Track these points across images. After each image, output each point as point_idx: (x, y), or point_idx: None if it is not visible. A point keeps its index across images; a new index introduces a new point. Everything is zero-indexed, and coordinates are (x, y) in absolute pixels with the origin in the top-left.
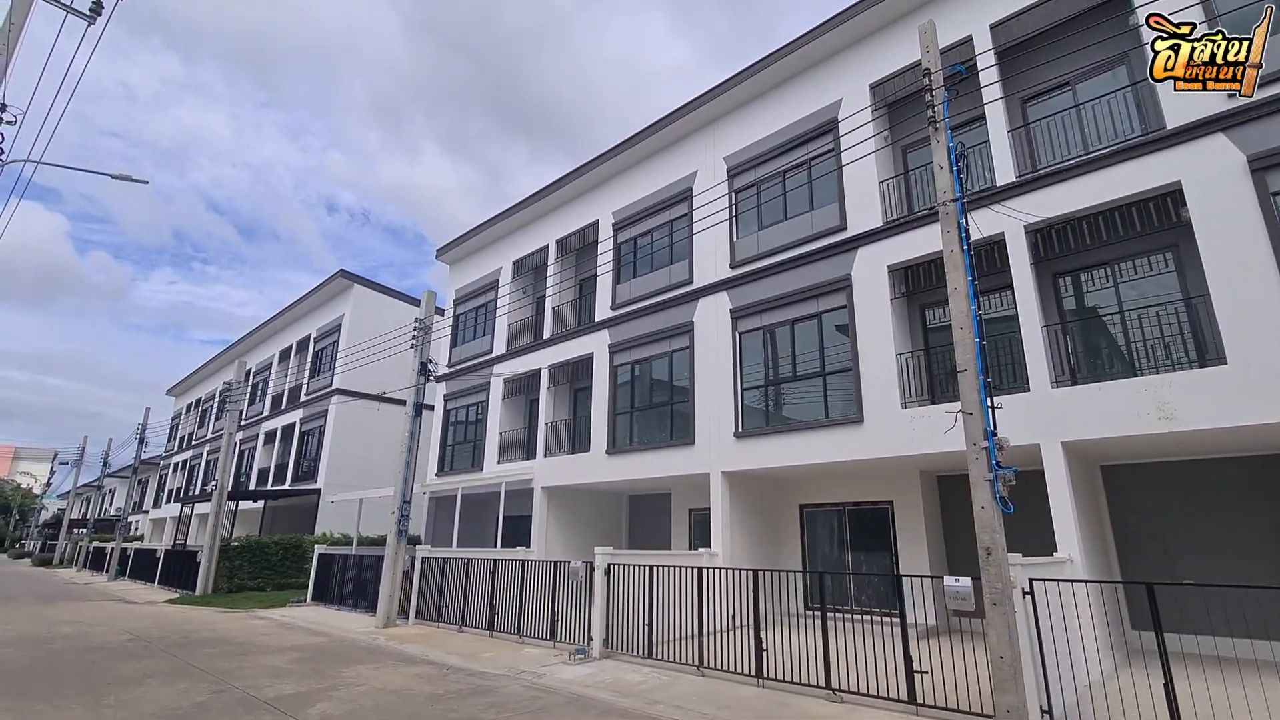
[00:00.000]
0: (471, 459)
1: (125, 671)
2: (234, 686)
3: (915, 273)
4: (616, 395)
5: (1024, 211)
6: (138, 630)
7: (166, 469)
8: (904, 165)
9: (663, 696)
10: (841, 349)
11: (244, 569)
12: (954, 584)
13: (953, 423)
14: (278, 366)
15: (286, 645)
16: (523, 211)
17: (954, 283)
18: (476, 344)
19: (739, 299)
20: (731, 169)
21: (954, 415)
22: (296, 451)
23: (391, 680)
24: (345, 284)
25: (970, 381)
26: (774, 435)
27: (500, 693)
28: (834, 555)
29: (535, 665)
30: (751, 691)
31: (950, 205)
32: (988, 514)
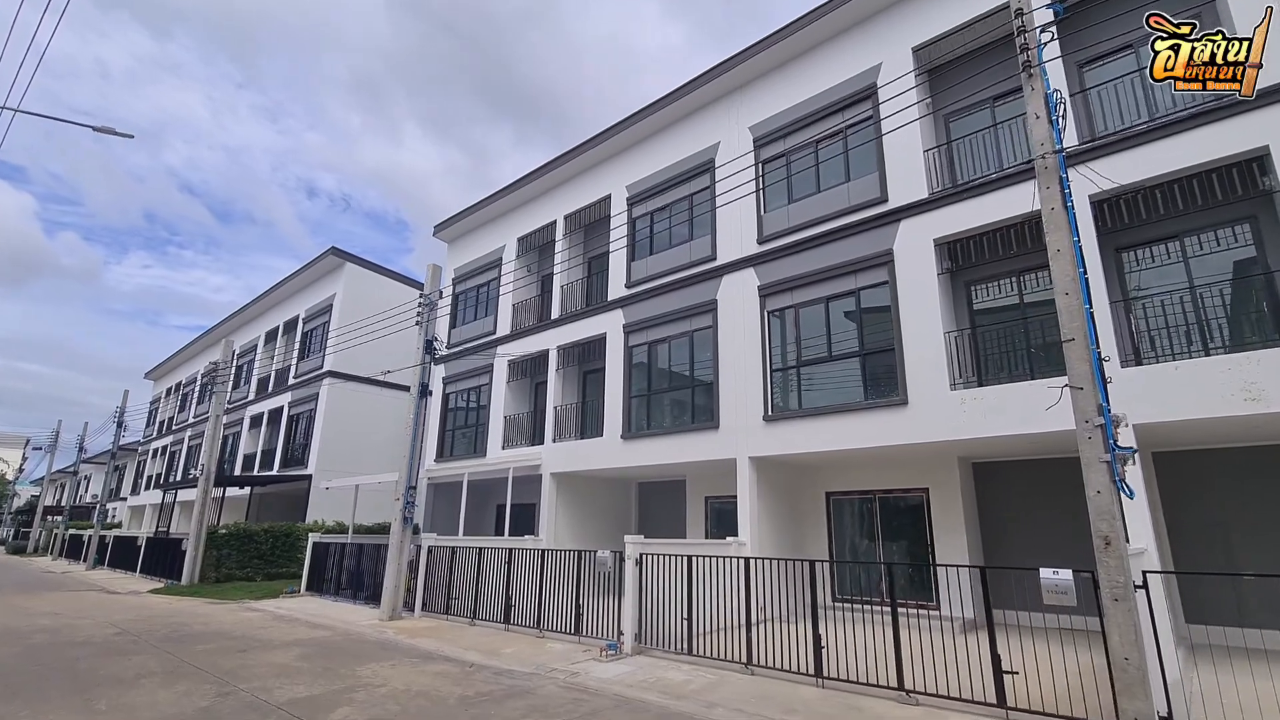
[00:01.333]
0: (474, 445)
1: (115, 670)
2: (239, 688)
3: (961, 248)
4: (632, 377)
5: (1102, 175)
6: (124, 623)
7: (145, 455)
8: (946, 135)
9: (716, 698)
10: (881, 328)
11: (232, 558)
12: (1052, 577)
13: (1056, 398)
14: (264, 348)
15: (289, 640)
16: (528, 186)
17: (1056, 244)
18: (478, 325)
19: (767, 275)
20: (758, 139)
21: (1059, 390)
22: (285, 436)
23: (413, 680)
24: (337, 262)
25: (1079, 352)
26: (807, 418)
27: (538, 694)
28: (862, 545)
29: (564, 662)
30: (813, 693)
31: (1050, 159)
32: (1105, 500)
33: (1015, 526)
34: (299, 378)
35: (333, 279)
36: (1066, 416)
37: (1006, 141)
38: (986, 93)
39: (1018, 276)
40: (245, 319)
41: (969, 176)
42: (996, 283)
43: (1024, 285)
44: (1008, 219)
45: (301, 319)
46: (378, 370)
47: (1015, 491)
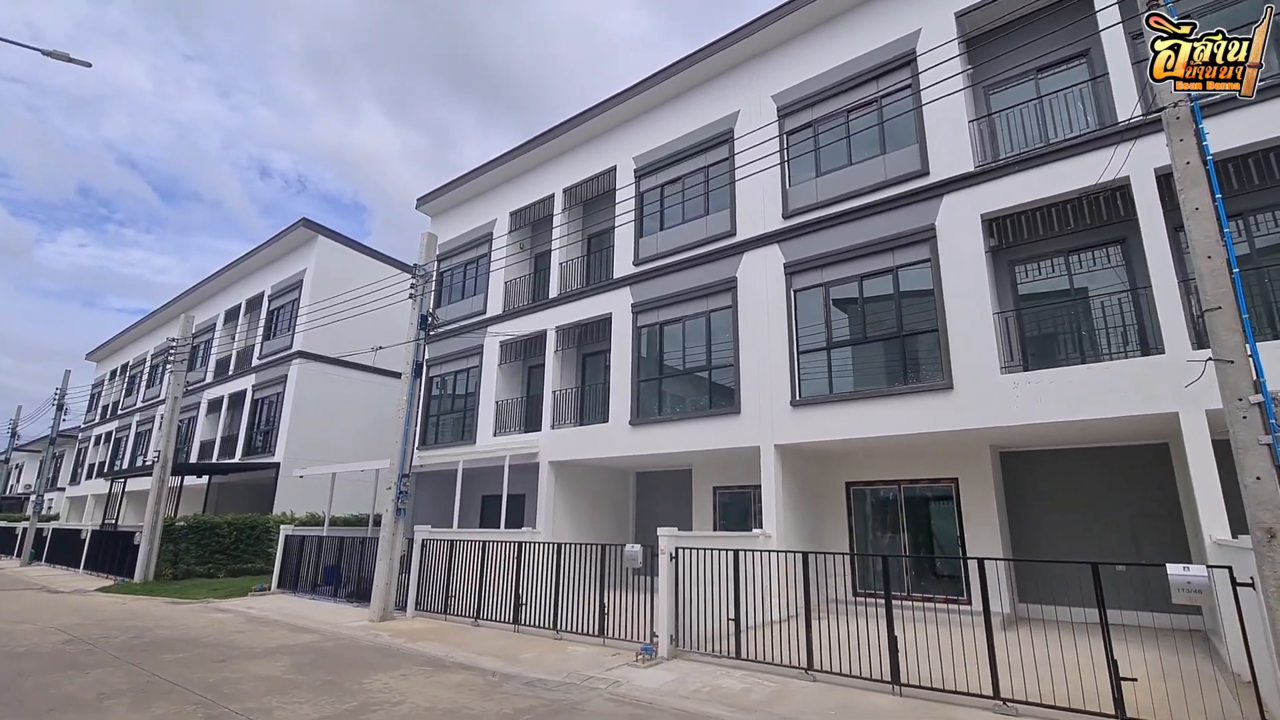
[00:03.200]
0: (461, 432)
1: (71, 689)
2: (230, 710)
3: (1008, 225)
4: (641, 360)
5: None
6: (73, 628)
7: (86, 441)
8: (987, 107)
9: (789, 711)
10: (920, 308)
11: (191, 552)
12: (1183, 574)
13: (1199, 373)
14: (223, 328)
15: (272, 646)
16: (523, 157)
17: (1194, 201)
18: (466, 304)
19: (794, 253)
20: (782, 109)
21: (1201, 364)
22: (249, 422)
23: (434, 695)
24: (308, 235)
25: (1227, 321)
26: (839, 404)
27: (587, 711)
28: (885, 537)
29: (595, 669)
30: (891, 702)
31: (1183, 107)
32: (1267, 487)
33: (1044, 518)
34: (264, 359)
35: (303, 253)
36: (1130, 402)
37: (1053, 115)
38: (1031, 64)
39: (1066, 256)
40: (202, 296)
41: (1011, 151)
42: (1044, 262)
43: (1073, 265)
44: (1064, 194)
45: (267, 296)
46: (349, 353)
47: (1044, 482)
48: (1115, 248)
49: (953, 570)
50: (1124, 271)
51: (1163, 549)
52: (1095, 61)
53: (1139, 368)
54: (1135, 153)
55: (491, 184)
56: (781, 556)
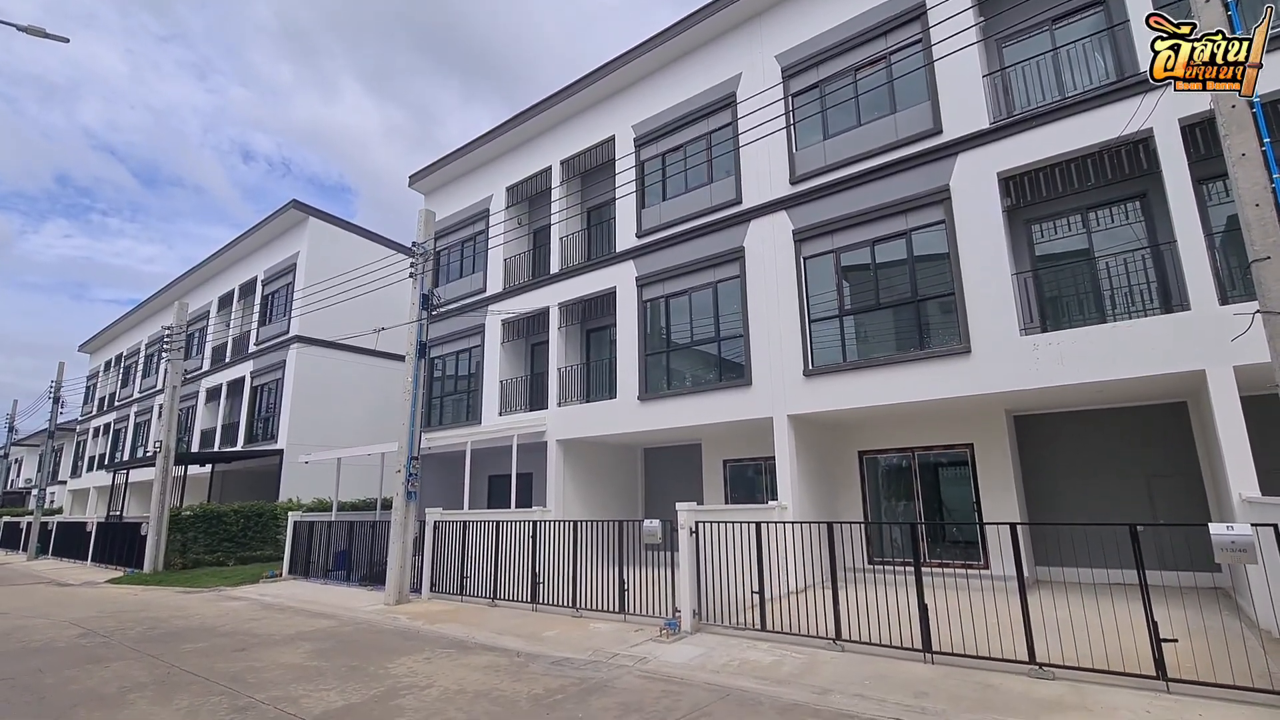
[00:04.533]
0: (465, 412)
1: (92, 683)
2: (256, 699)
3: (1024, 183)
4: (648, 334)
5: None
6: (87, 621)
7: (85, 434)
8: (1000, 61)
9: (823, 682)
10: (935, 271)
11: (199, 541)
12: (1226, 533)
13: (1246, 326)
14: (218, 315)
15: (291, 633)
16: (517, 129)
17: (1240, 147)
18: (465, 282)
19: (803, 219)
20: (787, 69)
21: (1249, 317)
22: (249, 409)
23: (462, 677)
24: (299, 217)
25: (1278, 272)
26: (853, 372)
27: (618, 688)
28: (899, 505)
29: (620, 645)
30: (926, 670)
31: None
32: None
33: (1059, 481)
34: (261, 344)
35: (295, 236)
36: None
37: (1071, 67)
38: (1045, 14)
39: (1084, 213)
40: (194, 283)
41: (1027, 106)
42: (1062, 220)
43: (1091, 223)
44: (1083, 149)
45: (261, 281)
46: (348, 336)
47: (1059, 445)
48: (1135, 203)
49: (968, 536)
50: (1144, 228)
51: (1178, 508)
52: (1113, 8)
53: (1163, 325)
54: (1159, 104)
55: (486, 158)
56: (801, 528)
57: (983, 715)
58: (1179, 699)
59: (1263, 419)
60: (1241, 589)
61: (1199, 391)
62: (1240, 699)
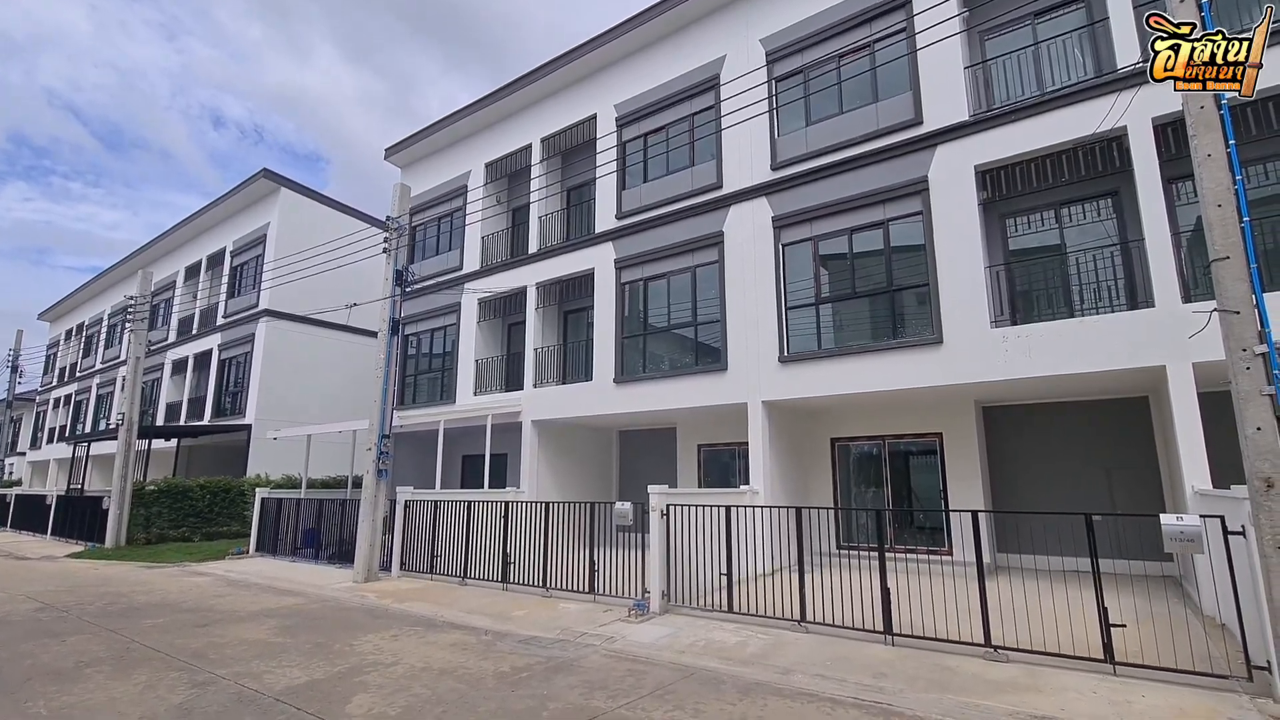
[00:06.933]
0: (439, 392)
1: (48, 658)
2: (217, 675)
3: (1000, 177)
4: (625, 317)
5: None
6: (45, 595)
7: (45, 405)
8: (982, 54)
9: (786, 662)
10: (911, 262)
11: (163, 516)
12: (1176, 524)
13: (1203, 324)
14: (184, 285)
15: (256, 609)
16: (498, 104)
17: (1206, 148)
18: (441, 260)
19: (782, 205)
20: (771, 53)
21: (1206, 315)
22: (217, 383)
23: (427, 655)
24: (270, 187)
25: (1235, 272)
26: (828, 360)
27: (584, 667)
28: (869, 491)
29: (589, 625)
30: (886, 652)
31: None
32: (1267, 438)
33: (1023, 471)
34: (229, 317)
35: (265, 206)
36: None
37: (1051, 62)
38: (1028, 8)
39: (1057, 209)
40: (160, 252)
41: (1006, 99)
42: (1035, 215)
43: (1064, 218)
44: (1059, 144)
45: (229, 252)
46: (320, 310)
47: (1025, 436)
48: (1107, 200)
49: (934, 523)
50: (1114, 225)
51: (1136, 499)
52: (1094, 6)
53: (1128, 321)
54: (1133, 102)
55: (465, 133)
56: (771, 512)
57: (938, 695)
58: (1124, 680)
59: (1217, 414)
60: (1189, 578)
61: (1160, 387)
62: (1181, 681)
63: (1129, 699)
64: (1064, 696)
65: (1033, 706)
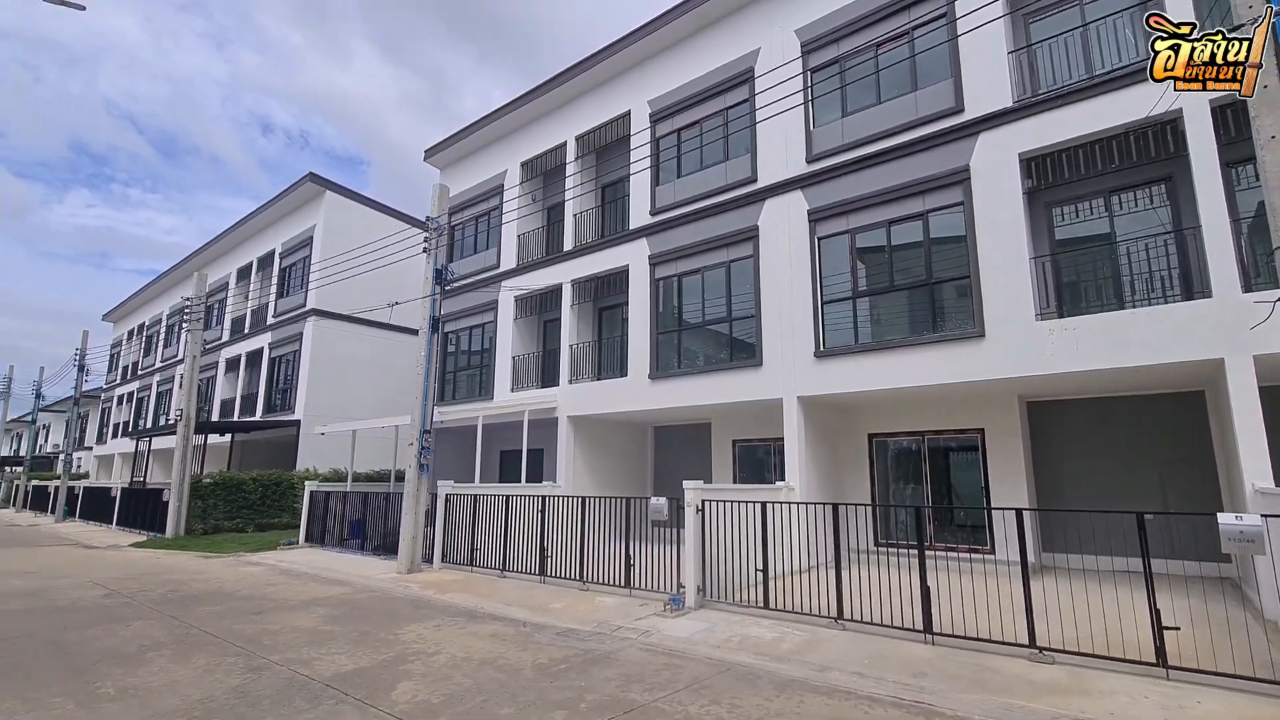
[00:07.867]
0: (478, 388)
1: (114, 642)
2: (270, 660)
3: (1045, 164)
4: (660, 313)
5: None
6: (110, 581)
7: (110, 402)
8: (1027, 38)
9: (823, 659)
10: (952, 254)
11: (219, 508)
12: (1235, 524)
13: (1266, 314)
14: (236, 286)
15: (306, 599)
16: (532, 103)
17: (1271, 129)
18: (479, 258)
19: (818, 199)
20: (806, 44)
21: (1270, 305)
22: (268, 380)
23: (468, 645)
24: (315, 190)
25: None
26: (865, 354)
27: (621, 660)
28: (907, 488)
29: (624, 619)
30: (926, 650)
31: (1260, 25)
32: None
33: (1070, 468)
34: (279, 317)
35: (311, 209)
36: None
37: (1100, 44)
38: None
39: (1106, 196)
40: (213, 255)
41: (1053, 85)
42: (1083, 203)
43: (1114, 206)
44: (1109, 129)
45: (278, 253)
46: (364, 309)
47: (1071, 431)
48: (1160, 187)
49: (975, 520)
50: (1167, 212)
51: (1190, 498)
52: None
53: (1182, 312)
54: None
55: (501, 133)
56: (807, 508)
57: (980, 696)
58: (1178, 685)
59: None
60: (1249, 580)
61: (1217, 380)
62: (1240, 688)
63: (1183, 704)
64: (1113, 700)
65: (1079, 710)
